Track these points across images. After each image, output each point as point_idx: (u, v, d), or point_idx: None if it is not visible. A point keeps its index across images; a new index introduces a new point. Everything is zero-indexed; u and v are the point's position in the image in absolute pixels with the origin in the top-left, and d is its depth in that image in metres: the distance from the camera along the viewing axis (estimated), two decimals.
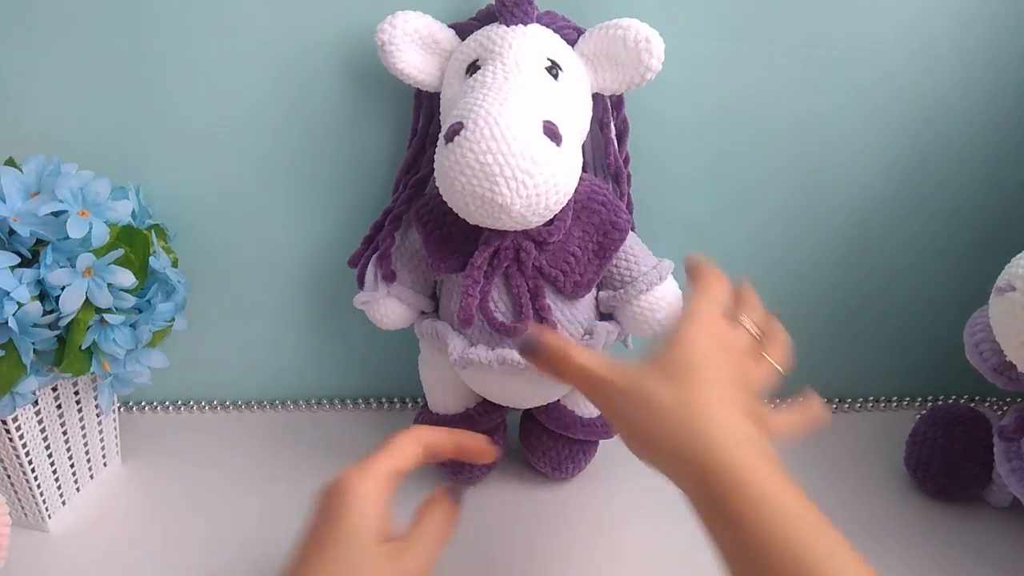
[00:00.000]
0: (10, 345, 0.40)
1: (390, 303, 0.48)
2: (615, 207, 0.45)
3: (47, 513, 0.48)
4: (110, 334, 0.43)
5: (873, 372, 0.62)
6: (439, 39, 0.44)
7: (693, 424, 0.30)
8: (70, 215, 0.40)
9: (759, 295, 0.57)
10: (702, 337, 0.33)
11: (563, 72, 0.42)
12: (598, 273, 0.45)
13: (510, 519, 0.50)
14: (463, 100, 0.39)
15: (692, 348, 0.33)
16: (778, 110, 0.51)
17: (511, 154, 0.36)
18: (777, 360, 0.37)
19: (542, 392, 0.47)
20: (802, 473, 0.53)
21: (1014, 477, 0.46)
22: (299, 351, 0.59)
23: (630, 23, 0.42)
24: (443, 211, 0.43)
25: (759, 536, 0.27)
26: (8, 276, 0.39)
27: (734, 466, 0.28)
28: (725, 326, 0.35)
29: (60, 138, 0.50)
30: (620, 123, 0.48)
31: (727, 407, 0.31)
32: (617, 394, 0.32)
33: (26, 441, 0.45)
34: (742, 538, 0.27)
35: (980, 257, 0.56)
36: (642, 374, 0.32)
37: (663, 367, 0.32)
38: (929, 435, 0.51)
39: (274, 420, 0.60)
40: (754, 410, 0.33)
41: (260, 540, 0.48)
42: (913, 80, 0.51)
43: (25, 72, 0.48)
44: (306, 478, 0.53)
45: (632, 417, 0.32)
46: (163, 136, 0.51)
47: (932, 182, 0.54)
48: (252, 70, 0.49)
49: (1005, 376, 0.46)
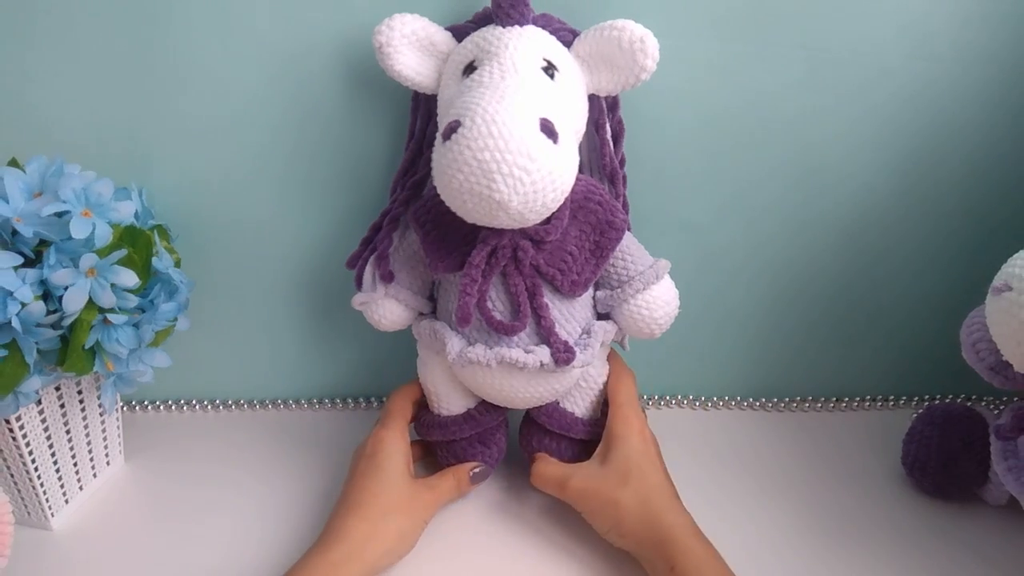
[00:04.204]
0: (14, 345, 0.40)
1: (388, 304, 0.48)
2: (611, 207, 0.45)
3: (50, 512, 0.48)
4: (113, 334, 0.44)
5: (870, 371, 0.62)
6: (436, 41, 0.45)
7: (654, 520, 0.43)
8: (73, 215, 0.41)
9: (756, 295, 0.58)
10: (631, 433, 0.46)
11: (559, 72, 0.42)
12: (595, 272, 0.45)
13: (510, 521, 0.50)
14: (460, 99, 0.39)
15: (629, 449, 0.46)
16: (774, 110, 0.51)
17: (508, 151, 0.36)
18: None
19: (540, 392, 0.47)
20: (800, 472, 0.54)
21: (1010, 476, 0.46)
22: (300, 351, 0.60)
23: (625, 24, 0.42)
24: (441, 211, 0.43)
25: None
26: (11, 276, 0.39)
27: (680, 543, 0.42)
28: (642, 416, 0.48)
29: (63, 139, 0.50)
30: (616, 124, 0.48)
31: (665, 496, 0.44)
32: (585, 499, 0.45)
33: (29, 440, 0.46)
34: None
35: (977, 256, 0.56)
36: (602, 484, 0.45)
37: (615, 475, 0.45)
38: (926, 434, 0.52)
39: (275, 419, 0.60)
40: (665, 477, 0.46)
41: (262, 538, 0.48)
42: (910, 80, 0.51)
43: (28, 72, 0.49)
44: (306, 477, 0.53)
45: (604, 520, 0.44)
46: (166, 137, 0.51)
47: (929, 181, 0.54)
48: (254, 73, 0.49)
49: (1002, 375, 0.46)
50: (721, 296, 0.58)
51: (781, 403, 0.63)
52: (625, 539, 0.44)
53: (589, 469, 0.46)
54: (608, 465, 0.46)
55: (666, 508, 0.44)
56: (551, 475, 0.47)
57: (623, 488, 0.44)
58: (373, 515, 0.43)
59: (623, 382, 0.49)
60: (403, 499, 0.44)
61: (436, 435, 0.50)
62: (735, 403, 0.63)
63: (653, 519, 0.43)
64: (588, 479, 0.46)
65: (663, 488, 0.45)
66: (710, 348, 0.60)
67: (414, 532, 0.45)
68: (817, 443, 0.58)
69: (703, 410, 0.62)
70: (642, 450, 0.46)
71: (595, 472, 0.46)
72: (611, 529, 0.44)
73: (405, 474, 0.46)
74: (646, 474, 0.45)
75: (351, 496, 0.44)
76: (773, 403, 0.63)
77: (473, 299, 0.43)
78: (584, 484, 0.45)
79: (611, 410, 0.48)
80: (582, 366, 0.46)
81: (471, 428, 0.50)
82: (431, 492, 0.46)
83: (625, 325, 0.48)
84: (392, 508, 0.44)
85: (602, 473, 0.45)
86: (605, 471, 0.45)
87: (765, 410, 0.62)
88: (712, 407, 0.62)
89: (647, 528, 0.43)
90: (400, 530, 0.44)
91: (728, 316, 0.59)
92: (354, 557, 0.41)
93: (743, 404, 0.63)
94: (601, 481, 0.45)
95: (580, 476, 0.46)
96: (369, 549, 0.42)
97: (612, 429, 0.47)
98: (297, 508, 0.51)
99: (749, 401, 0.63)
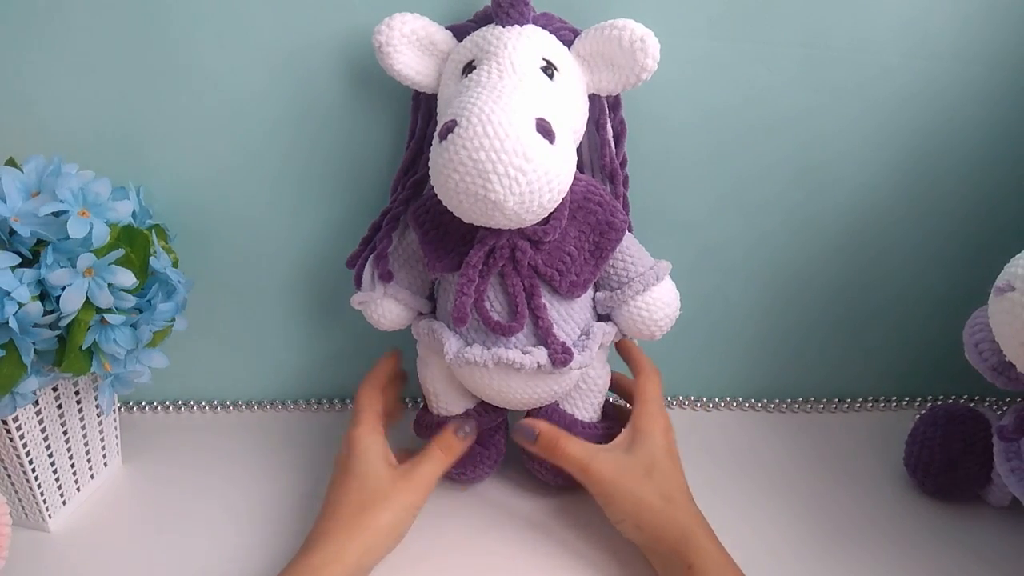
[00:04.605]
0: (11, 345, 0.40)
1: (387, 303, 0.48)
2: (611, 207, 0.45)
3: (47, 513, 0.48)
4: (111, 334, 0.43)
5: (872, 372, 0.62)
6: (436, 40, 0.45)
7: (674, 518, 0.43)
8: (71, 215, 0.41)
9: (755, 294, 0.58)
10: (656, 430, 0.46)
11: (558, 72, 0.42)
12: (594, 273, 0.45)
13: (510, 522, 0.50)
14: (457, 99, 0.39)
15: (654, 445, 0.46)
16: (774, 108, 0.51)
17: (504, 151, 0.36)
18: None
19: (538, 394, 0.47)
20: (801, 474, 0.54)
21: (1013, 477, 0.46)
22: (299, 351, 0.60)
23: (625, 23, 0.42)
24: (440, 211, 0.43)
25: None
26: (9, 276, 0.39)
27: (698, 544, 0.42)
28: (665, 413, 0.48)
29: (61, 138, 0.50)
30: (617, 124, 0.48)
31: (685, 497, 0.45)
32: (606, 484, 0.45)
33: (27, 441, 0.45)
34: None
35: (979, 256, 0.56)
36: (626, 472, 0.45)
37: (639, 466, 0.45)
38: (928, 435, 0.51)
39: (274, 420, 0.60)
40: (684, 479, 0.46)
41: (260, 540, 0.48)
42: (910, 78, 0.51)
43: (25, 71, 0.49)
44: (306, 478, 0.53)
45: (622, 508, 0.44)
46: (164, 137, 0.51)
47: (930, 180, 0.54)
48: (253, 72, 0.49)
49: (1004, 376, 0.46)
50: (720, 295, 0.58)
51: (783, 404, 0.62)
52: (641, 532, 0.44)
53: (612, 455, 0.46)
54: (632, 455, 0.45)
55: (685, 508, 0.44)
56: (574, 454, 0.46)
57: (646, 482, 0.44)
58: (349, 514, 0.43)
59: (652, 380, 0.49)
60: (380, 492, 0.44)
61: (435, 435, 0.50)
62: (736, 404, 0.62)
63: (672, 517, 0.43)
64: (611, 466, 0.45)
65: (683, 489, 0.45)
66: (709, 348, 0.60)
67: (400, 522, 0.44)
68: (818, 444, 0.58)
69: (704, 411, 0.62)
70: (666, 448, 0.46)
71: (619, 460, 0.45)
72: (626, 519, 0.44)
73: (382, 466, 0.45)
74: (668, 472, 0.45)
75: (329, 498, 0.45)
76: (775, 404, 0.62)
77: (470, 299, 0.43)
78: (606, 470, 0.45)
79: (638, 405, 0.48)
80: (580, 367, 0.45)
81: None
82: (414, 474, 0.45)
83: (625, 327, 0.47)
84: (369, 503, 0.43)
85: (625, 462, 0.45)
86: (629, 461, 0.45)
87: (766, 411, 0.62)
88: (713, 408, 0.62)
89: (666, 525, 0.43)
90: (381, 524, 0.43)
91: (727, 315, 0.59)
92: (335, 559, 0.41)
93: (744, 405, 0.62)
94: (624, 471, 0.45)
95: (603, 460, 0.45)
96: (349, 549, 0.41)
97: (638, 423, 0.47)
98: (297, 509, 0.50)
99: (751, 402, 0.62)
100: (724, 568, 0.41)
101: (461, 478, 0.51)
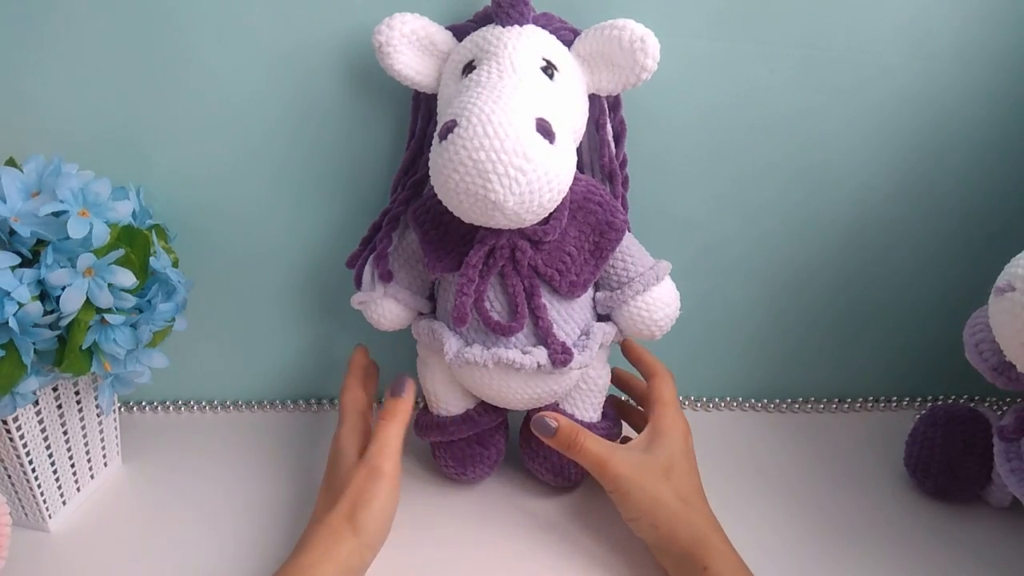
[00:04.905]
0: (11, 345, 0.40)
1: (387, 303, 0.48)
2: (611, 207, 0.45)
3: (47, 513, 0.48)
4: (111, 334, 0.43)
5: (872, 371, 0.62)
6: (436, 41, 0.45)
7: (690, 519, 0.43)
8: (71, 215, 0.40)
9: (755, 293, 0.58)
10: (676, 432, 0.47)
11: (558, 72, 0.42)
12: (594, 273, 0.45)
13: (510, 527, 0.49)
14: (457, 99, 0.39)
15: (674, 446, 0.46)
16: (774, 108, 0.51)
17: (504, 151, 0.36)
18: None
19: (538, 394, 0.47)
20: (801, 474, 0.54)
21: (1014, 477, 0.46)
22: (299, 351, 0.60)
23: (625, 23, 0.42)
24: (440, 211, 0.43)
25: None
26: (9, 276, 0.39)
27: (714, 546, 0.43)
28: (684, 416, 0.49)
29: (61, 138, 0.50)
30: (617, 124, 0.48)
31: (702, 500, 0.46)
32: (623, 481, 0.44)
33: (27, 441, 0.45)
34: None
35: (979, 256, 0.56)
36: (644, 471, 0.45)
37: (657, 465, 0.45)
38: (929, 435, 0.51)
39: (274, 420, 0.60)
40: (700, 483, 0.47)
41: (260, 539, 0.48)
42: (910, 78, 0.51)
43: (26, 72, 0.49)
44: (305, 478, 0.53)
45: (638, 506, 0.44)
46: (164, 137, 0.51)
47: (929, 180, 0.54)
48: (253, 72, 0.49)
49: (1005, 376, 0.46)
50: (719, 294, 0.58)
51: (782, 404, 0.62)
52: (656, 530, 0.44)
53: (631, 454, 0.46)
54: (651, 455, 0.46)
55: (701, 511, 0.44)
56: (593, 450, 0.46)
57: (664, 482, 0.44)
58: (337, 513, 0.43)
59: (667, 382, 0.50)
60: (359, 486, 0.43)
61: (434, 436, 0.50)
62: (735, 403, 0.62)
63: (688, 518, 0.43)
64: (629, 464, 0.45)
65: (699, 492, 0.46)
66: (708, 347, 0.60)
67: (388, 502, 0.43)
68: (818, 444, 0.58)
69: (703, 411, 0.62)
70: (685, 451, 0.47)
71: (638, 459, 0.45)
72: (641, 517, 0.44)
73: (353, 460, 0.45)
74: (686, 474, 0.46)
75: (318, 499, 0.45)
76: (774, 404, 0.62)
77: (470, 299, 0.43)
78: (624, 468, 0.45)
79: (658, 407, 0.48)
80: (580, 367, 0.45)
81: (469, 429, 0.50)
82: (375, 452, 0.44)
83: (625, 327, 0.47)
84: (356, 500, 0.43)
85: (645, 462, 0.45)
86: (648, 460, 0.45)
87: (766, 411, 0.62)
88: (713, 408, 0.62)
89: (681, 526, 0.43)
90: (368, 517, 0.42)
91: (726, 315, 0.59)
92: (326, 558, 0.41)
93: (743, 405, 0.62)
94: (643, 470, 0.45)
95: (621, 458, 0.45)
96: (341, 547, 0.41)
97: (657, 424, 0.47)
98: (296, 510, 0.50)
99: (750, 402, 0.62)
100: (740, 572, 0.41)
101: (461, 478, 0.51)
